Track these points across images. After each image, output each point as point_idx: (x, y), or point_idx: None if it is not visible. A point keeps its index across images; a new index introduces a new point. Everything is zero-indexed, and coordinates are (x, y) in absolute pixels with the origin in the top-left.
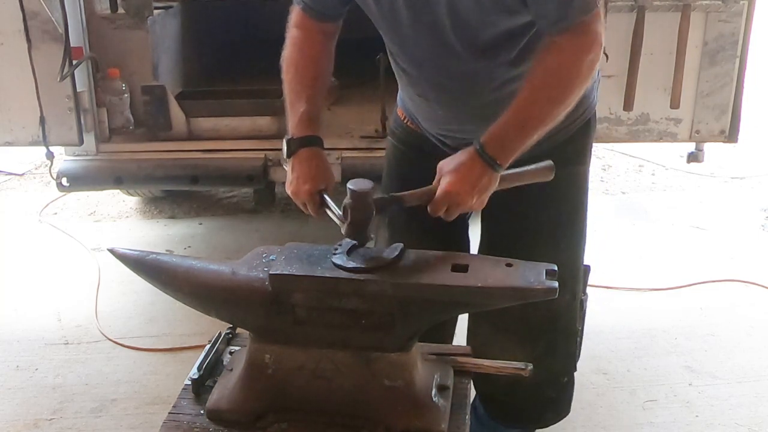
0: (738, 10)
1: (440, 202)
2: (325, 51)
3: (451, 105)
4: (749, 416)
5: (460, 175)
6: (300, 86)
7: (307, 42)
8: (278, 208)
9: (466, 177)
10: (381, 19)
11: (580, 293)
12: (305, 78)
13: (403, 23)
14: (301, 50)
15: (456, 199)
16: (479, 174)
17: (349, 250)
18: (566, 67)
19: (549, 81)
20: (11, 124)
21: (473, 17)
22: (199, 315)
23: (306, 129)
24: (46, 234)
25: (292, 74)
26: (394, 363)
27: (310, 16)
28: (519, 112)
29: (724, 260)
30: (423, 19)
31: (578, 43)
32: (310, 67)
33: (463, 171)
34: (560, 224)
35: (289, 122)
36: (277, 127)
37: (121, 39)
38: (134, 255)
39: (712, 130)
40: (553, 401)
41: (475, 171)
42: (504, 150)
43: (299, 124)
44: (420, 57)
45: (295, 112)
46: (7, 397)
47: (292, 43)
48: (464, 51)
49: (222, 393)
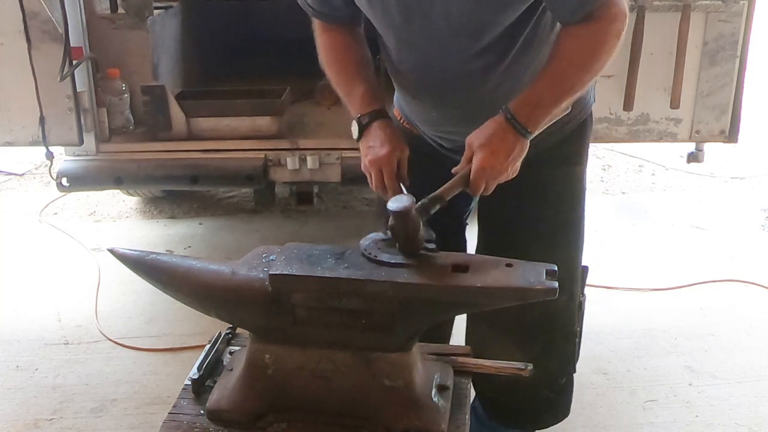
0: (738, 10)
1: (479, 180)
2: (356, 40)
3: (445, 107)
4: (749, 416)
5: (493, 147)
6: (347, 74)
7: (334, 40)
8: (278, 208)
9: (499, 149)
10: (375, 22)
11: (578, 294)
12: (348, 66)
13: (397, 26)
14: (333, 48)
15: (492, 173)
16: (512, 143)
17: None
18: (595, 36)
19: (577, 49)
20: (11, 124)
21: (468, 18)
22: (199, 315)
23: (370, 105)
24: (46, 234)
25: (335, 70)
26: (394, 363)
27: (325, 21)
28: (549, 79)
29: (724, 260)
30: (416, 22)
31: (603, 16)
32: (347, 57)
33: (496, 143)
34: (557, 224)
35: (352, 108)
36: (277, 127)
37: (121, 39)
38: (134, 255)
39: (712, 130)
40: (551, 402)
41: (508, 141)
42: (534, 116)
43: (362, 104)
44: (414, 60)
45: (353, 97)
46: (7, 397)
47: (322, 46)
48: (458, 53)
49: (222, 393)
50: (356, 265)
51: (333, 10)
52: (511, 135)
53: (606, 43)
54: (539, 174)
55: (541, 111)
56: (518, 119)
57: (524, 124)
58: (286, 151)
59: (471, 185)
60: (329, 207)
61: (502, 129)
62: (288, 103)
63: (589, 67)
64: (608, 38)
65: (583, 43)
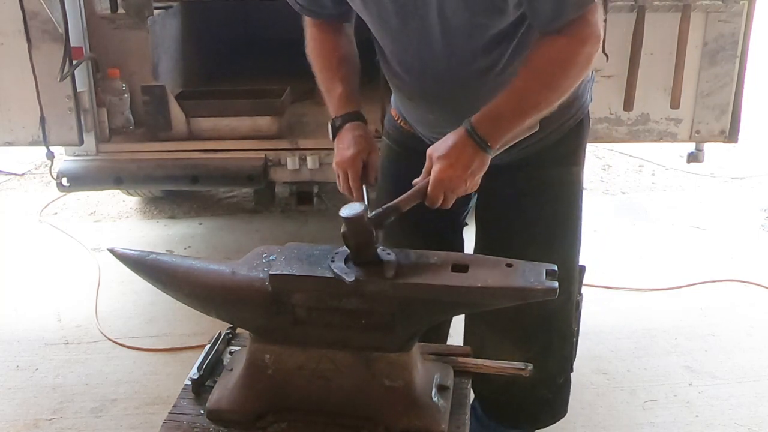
0: (738, 10)
1: (436, 192)
2: (343, 37)
3: (441, 109)
4: (749, 416)
5: (451, 159)
6: (329, 72)
7: (322, 35)
8: (278, 208)
9: (457, 160)
10: (370, 23)
11: (575, 294)
12: (331, 64)
13: (393, 29)
14: (321, 43)
15: (449, 185)
16: (470, 156)
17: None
18: (563, 55)
19: (544, 67)
20: (11, 124)
21: (462, 21)
22: (199, 315)
23: (344, 107)
24: (46, 234)
25: (319, 66)
26: (394, 363)
27: (314, 17)
28: (512, 95)
29: (724, 260)
30: (412, 25)
31: (576, 35)
32: (333, 54)
33: (454, 154)
34: (554, 224)
35: (330, 109)
36: (277, 127)
37: (121, 39)
38: (134, 255)
39: (712, 130)
40: (549, 402)
41: (467, 154)
42: (496, 131)
43: (338, 105)
44: (410, 62)
45: (331, 96)
46: (7, 397)
47: (310, 40)
48: (453, 56)
49: (222, 393)
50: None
51: (321, 8)
52: (470, 148)
53: (574, 64)
54: (537, 174)
55: (503, 126)
56: (478, 132)
57: (485, 138)
58: (286, 151)
59: (428, 197)
60: (329, 207)
61: (462, 141)
62: (288, 103)
63: (554, 86)
64: (577, 59)
65: (550, 61)
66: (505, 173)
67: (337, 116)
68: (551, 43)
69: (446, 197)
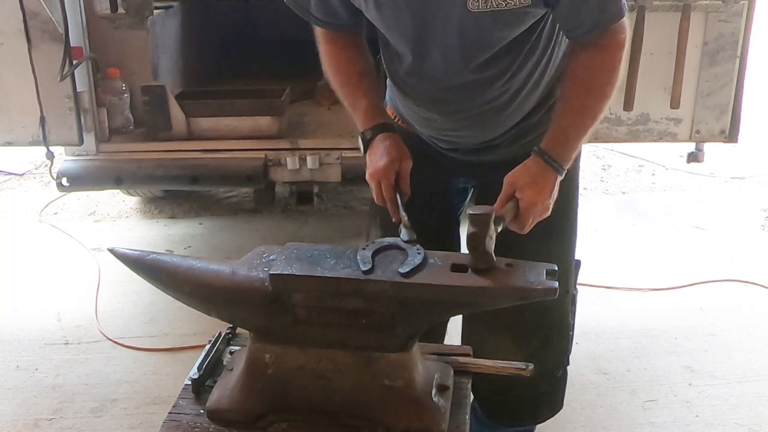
0: (738, 10)
1: (527, 218)
2: (359, 50)
3: (450, 114)
4: (749, 416)
5: (538, 187)
6: (351, 87)
7: (338, 49)
8: (278, 208)
9: (544, 188)
10: (385, 31)
11: (571, 288)
12: (352, 78)
13: (410, 37)
14: (338, 58)
15: (541, 211)
16: (552, 182)
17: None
18: (607, 63)
19: (593, 79)
20: (11, 124)
21: (483, 35)
22: (199, 315)
23: (373, 119)
24: (46, 234)
25: (340, 81)
26: (394, 363)
27: (330, 29)
28: (572, 113)
29: (724, 260)
30: (430, 38)
31: (614, 41)
32: (353, 68)
33: (541, 183)
34: (551, 220)
35: (357, 122)
36: (277, 126)
37: (121, 39)
38: (134, 255)
39: (712, 130)
40: (549, 396)
41: (549, 180)
42: (565, 152)
43: (366, 118)
44: (423, 71)
45: (357, 110)
46: (7, 397)
47: (326, 57)
48: (467, 65)
49: (222, 393)
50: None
51: (335, 19)
52: (551, 174)
53: (616, 69)
54: None
55: (571, 146)
56: (554, 158)
57: (559, 161)
58: (286, 151)
59: (519, 222)
60: (329, 207)
61: (543, 169)
62: (288, 103)
63: (606, 94)
64: (618, 64)
65: (596, 72)
66: (502, 169)
67: (366, 129)
68: (592, 53)
69: (533, 221)
